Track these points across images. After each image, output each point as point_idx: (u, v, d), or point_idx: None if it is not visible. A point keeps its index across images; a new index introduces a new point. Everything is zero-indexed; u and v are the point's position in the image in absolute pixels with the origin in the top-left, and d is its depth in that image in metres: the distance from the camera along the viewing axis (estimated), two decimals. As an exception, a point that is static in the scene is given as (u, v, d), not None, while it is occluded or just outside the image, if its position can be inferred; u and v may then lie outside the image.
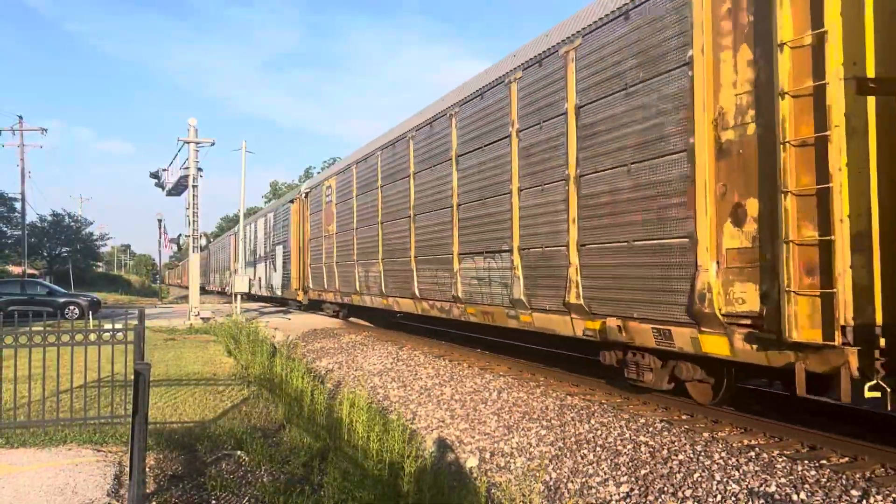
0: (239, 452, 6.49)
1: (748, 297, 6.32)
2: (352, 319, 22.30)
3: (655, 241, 7.40)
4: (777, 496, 5.21)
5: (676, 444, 6.53)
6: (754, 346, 6.29)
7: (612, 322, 8.05)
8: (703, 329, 6.79)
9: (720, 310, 6.54)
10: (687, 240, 6.94)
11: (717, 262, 6.62)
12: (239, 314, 24.13)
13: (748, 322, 6.35)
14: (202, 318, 23.18)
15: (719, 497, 5.37)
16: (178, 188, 26.53)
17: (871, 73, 5.34)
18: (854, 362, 5.42)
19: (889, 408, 5.50)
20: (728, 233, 6.54)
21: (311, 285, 23.40)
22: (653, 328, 7.45)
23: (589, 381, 9.78)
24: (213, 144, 24.16)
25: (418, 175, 14.07)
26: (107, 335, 7.25)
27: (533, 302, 9.80)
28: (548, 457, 6.83)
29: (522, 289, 9.97)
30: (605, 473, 6.20)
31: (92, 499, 5.20)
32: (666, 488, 5.68)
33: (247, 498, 5.37)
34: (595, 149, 8.42)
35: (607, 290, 8.17)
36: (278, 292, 28.80)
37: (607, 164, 8.17)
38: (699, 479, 5.71)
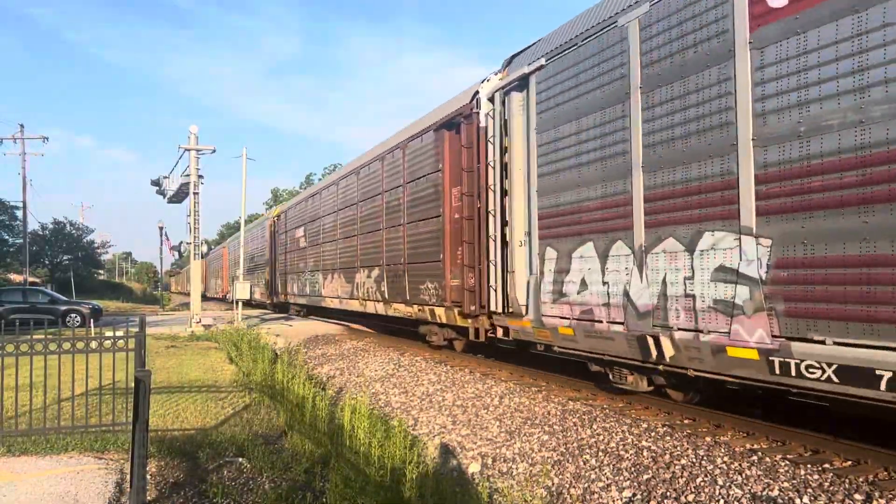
0: (241, 459, 6.48)
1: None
2: (353, 326, 22.40)
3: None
4: (780, 500, 5.19)
5: (679, 448, 6.51)
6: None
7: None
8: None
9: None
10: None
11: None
12: (240, 321, 24.14)
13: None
14: (203, 326, 23.17)
15: (722, 502, 5.35)
16: (180, 195, 26.51)
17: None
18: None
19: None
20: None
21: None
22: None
23: (590, 385, 9.77)
24: (213, 152, 24.14)
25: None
26: (108, 343, 7.25)
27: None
28: (550, 462, 6.81)
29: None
30: (608, 479, 6.19)
31: (93, 507, 5.19)
32: (668, 493, 5.67)
33: (248, 505, 5.36)
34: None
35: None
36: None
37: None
38: (702, 483, 5.69)
